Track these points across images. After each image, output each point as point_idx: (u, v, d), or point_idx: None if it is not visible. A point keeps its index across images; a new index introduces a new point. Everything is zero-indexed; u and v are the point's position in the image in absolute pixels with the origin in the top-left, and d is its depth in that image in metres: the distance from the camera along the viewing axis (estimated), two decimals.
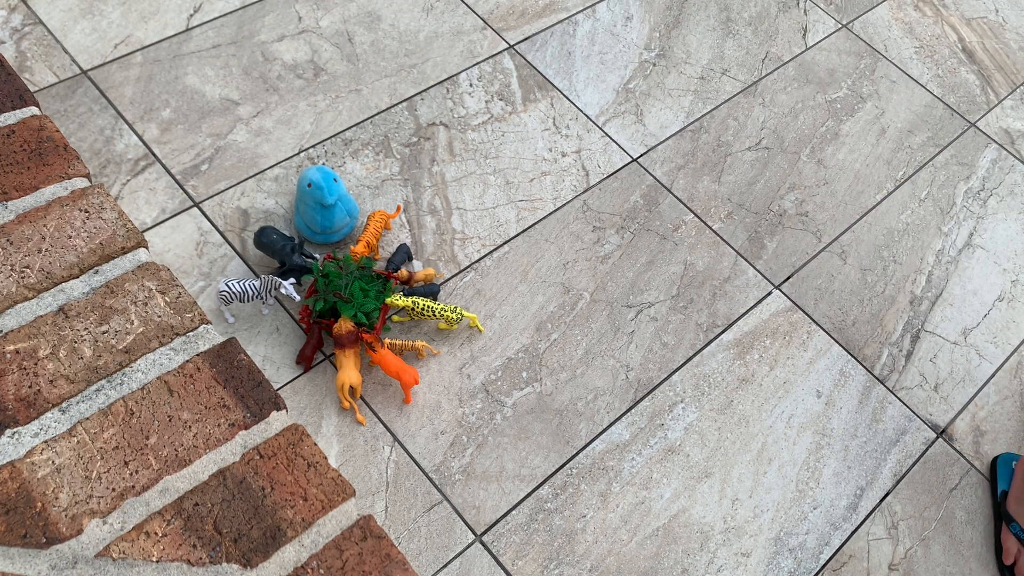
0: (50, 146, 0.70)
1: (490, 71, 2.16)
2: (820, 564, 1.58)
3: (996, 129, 2.29)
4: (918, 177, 2.16)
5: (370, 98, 2.06)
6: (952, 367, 1.86)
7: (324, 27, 2.17)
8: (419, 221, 1.89)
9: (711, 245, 1.95)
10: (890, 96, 2.31)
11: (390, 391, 1.65)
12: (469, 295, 1.80)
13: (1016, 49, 2.49)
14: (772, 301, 1.89)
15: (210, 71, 2.04)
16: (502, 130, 2.06)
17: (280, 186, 1.89)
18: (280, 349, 1.67)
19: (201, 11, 2.15)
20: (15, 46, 1.98)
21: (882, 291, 1.94)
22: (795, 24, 2.43)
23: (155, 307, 0.64)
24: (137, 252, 0.67)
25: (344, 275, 1.66)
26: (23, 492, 0.55)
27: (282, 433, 0.61)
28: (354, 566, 0.56)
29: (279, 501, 0.58)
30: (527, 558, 1.51)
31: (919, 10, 2.54)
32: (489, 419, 1.65)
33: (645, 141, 2.10)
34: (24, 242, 0.65)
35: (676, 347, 1.79)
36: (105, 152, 1.87)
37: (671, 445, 1.67)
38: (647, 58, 2.27)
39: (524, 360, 1.73)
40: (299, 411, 1.60)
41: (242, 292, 1.61)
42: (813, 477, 1.67)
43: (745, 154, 2.12)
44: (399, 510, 1.53)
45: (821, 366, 1.81)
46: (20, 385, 0.59)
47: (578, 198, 1.98)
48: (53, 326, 0.62)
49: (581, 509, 1.58)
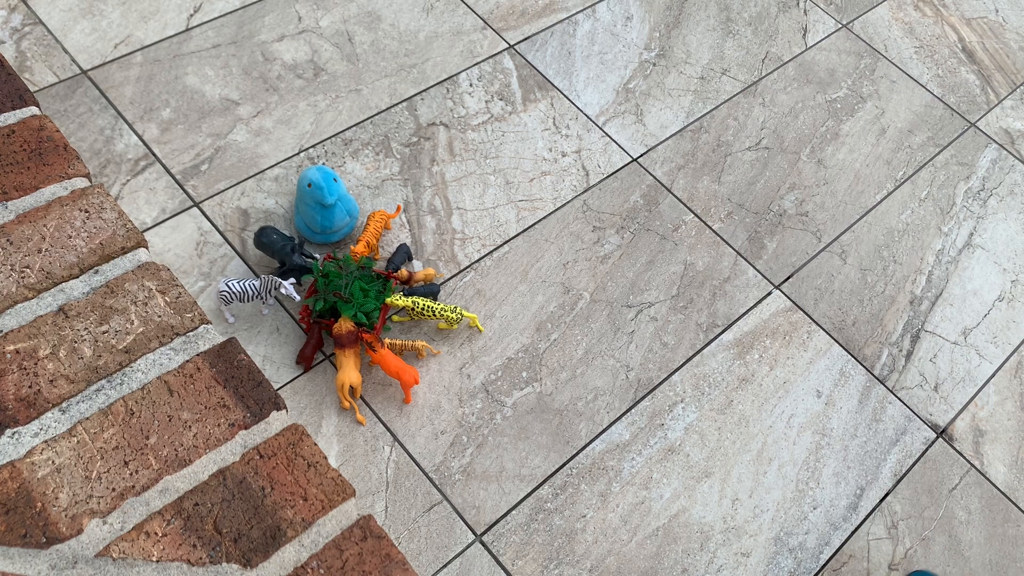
0: (50, 146, 0.70)
1: (490, 71, 2.16)
2: (820, 564, 1.58)
3: (996, 129, 2.29)
4: (918, 177, 2.16)
5: (370, 98, 2.06)
6: (952, 367, 1.86)
7: (324, 27, 2.17)
8: (419, 221, 1.89)
9: (711, 245, 1.95)
10: (890, 96, 2.31)
11: (390, 391, 1.65)
12: (469, 295, 1.80)
13: (1016, 49, 2.49)
14: (772, 301, 1.89)
15: (210, 71, 2.04)
16: (502, 130, 2.06)
17: (280, 186, 1.89)
18: (280, 349, 1.67)
19: (201, 11, 2.15)
20: (15, 46, 1.98)
21: (882, 291, 1.94)
22: (795, 24, 2.43)
23: (155, 307, 0.64)
24: (137, 252, 0.67)
25: (344, 275, 1.66)
26: (23, 492, 0.55)
27: (282, 433, 0.61)
28: (354, 566, 0.56)
29: (279, 501, 0.58)
30: (527, 558, 1.51)
31: (919, 10, 2.54)
32: (489, 419, 1.65)
33: (645, 141, 2.10)
34: (24, 242, 0.65)
35: (676, 347, 1.79)
36: (105, 152, 1.87)
37: (671, 445, 1.67)
38: (647, 58, 2.27)
39: (524, 360, 1.73)
40: (299, 411, 1.60)
41: (242, 292, 1.61)
42: (813, 477, 1.67)
43: (745, 154, 2.12)
44: (399, 510, 1.53)
45: (821, 366, 1.81)
46: (20, 385, 0.59)
47: (578, 198, 1.98)
48: (53, 326, 0.62)
49: (581, 509, 1.58)
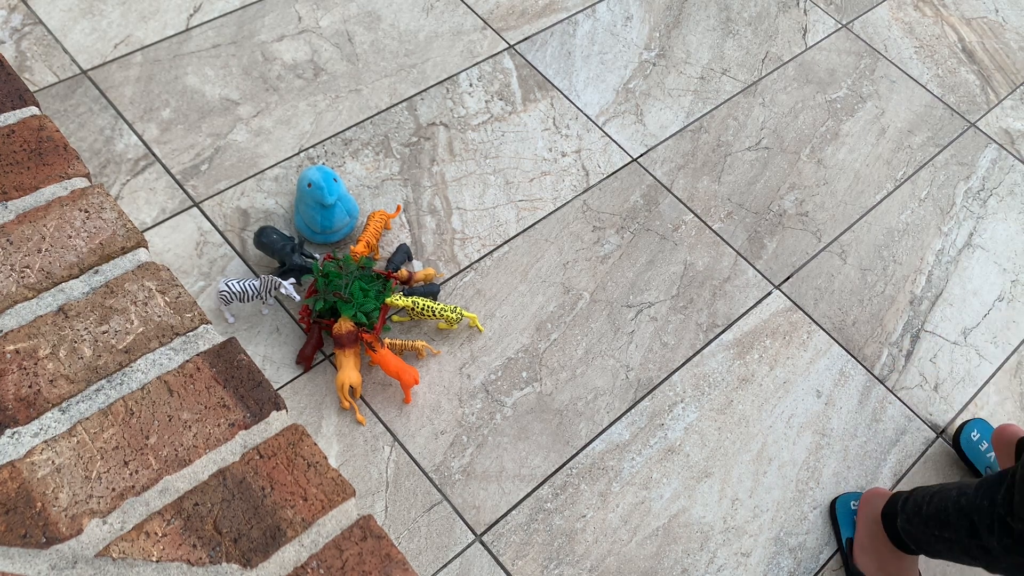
0: (50, 146, 0.70)
1: (490, 71, 2.16)
2: (820, 564, 1.58)
3: (996, 129, 2.28)
4: (918, 177, 2.16)
5: (370, 98, 2.06)
6: (952, 367, 1.86)
7: (324, 27, 2.17)
8: (419, 221, 1.89)
9: (711, 245, 1.95)
10: (890, 96, 2.31)
11: (390, 391, 1.65)
12: (469, 295, 1.80)
13: (1016, 49, 2.49)
14: (772, 301, 1.89)
15: (210, 71, 2.04)
16: (502, 130, 2.06)
17: (280, 186, 1.89)
18: (280, 349, 1.67)
19: (201, 11, 2.15)
20: (15, 46, 1.98)
21: (882, 291, 1.94)
22: (795, 24, 2.43)
23: (155, 307, 0.64)
24: (137, 252, 0.67)
25: (344, 275, 1.66)
26: (23, 492, 0.55)
27: (282, 433, 0.61)
28: (354, 566, 0.56)
29: (279, 501, 0.57)
30: (527, 558, 1.51)
31: (919, 10, 2.54)
32: (489, 419, 1.65)
33: (645, 141, 2.10)
34: (24, 242, 0.65)
35: (676, 347, 1.79)
36: (105, 152, 1.87)
37: (671, 445, 1.67)
38: (647, 58, 2.27)
39: (524, 360, 1.73)
40: (299, 411, 1.60)
41: (242, 292, 1.61)
42: (813, 477, 1.67)
43: (745, 154, 2.12)
44: (399, 510, 1.53)
45: (821, 366, 1.81)
46: (20, 385, 0.59)
47: (578, 198, 1.98)
48: (53, 326, 0.62)
49: (581, 509, 1.58)
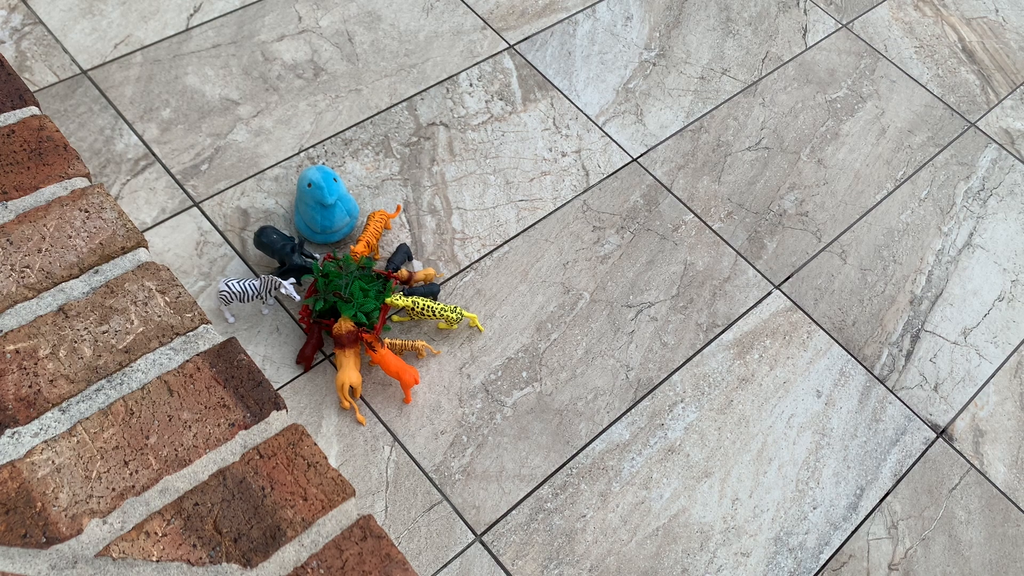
0: (50, 146, 0.70)
1: (490, 71, 2.16)
2: (820, 564, 1.58)
3: (996, 129, 2.29)
4: (918, 177, 2.16)
5: (370, 98, 2.06)
6: (952, 367, 1.86)
7: (324, 27, 2.17)
8: (419, 221, 1.89)
9: (711, 245, 1.95)
10: (890, 96, 2.31)
11: (390, 391, 1.65)
12: (469, 295, 1.80)
13: (1016, 49, 2.49)
14: (772, 301, 1.89)
15: (210, 71, 2.04)
16: (502, 130, 2.06)
17: (280, 186, 1.89)
18: (280, 349, 1.67)
19: (201, 11, 2.15)
20: (15, 46, 1.98)
21: (882, 291, 1.94)
22: (795, 24, 2.43)
23: (155, 307, 0.64)
24: (137, 252, 0.67)
25: (344, 275, 1.66)
26: (23, 492, 0.55)
27: (282, 433, 0.61)
28: (354, 566, 0.56)
29: (279, 501, 0.58)
30: (527, 558, 1.51)
31: (919, 10, 2.54)
32: (489, 419, 1.65)
33: (645, 141, 2.10)
34: (24, 242, 0.65)
35: (676, 347, 1.79)
36: (105, 152, 1.87)
37: (671, 445, 1.67)
38: (647, 58, 2.27)
39: (524, 360, 1.73)
40: (299, 411, 1.60)
41: (242, 292, 1.61)
42: (813, 477, 1.67)
43: (745, 154, 2.12)
44: (399, 510, 1.53)
45: (821, 366, 1.81)
46: (20, 385, 0.59)
47: (578, 198, 1.98)
48: (53, 326, 0.62)
49: (581, 509, 1.58)
